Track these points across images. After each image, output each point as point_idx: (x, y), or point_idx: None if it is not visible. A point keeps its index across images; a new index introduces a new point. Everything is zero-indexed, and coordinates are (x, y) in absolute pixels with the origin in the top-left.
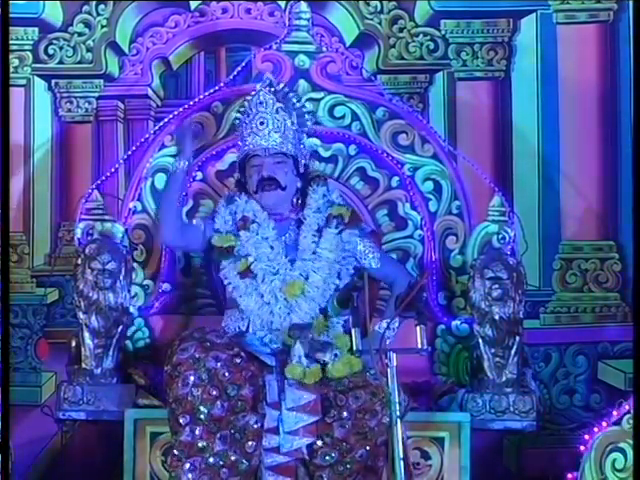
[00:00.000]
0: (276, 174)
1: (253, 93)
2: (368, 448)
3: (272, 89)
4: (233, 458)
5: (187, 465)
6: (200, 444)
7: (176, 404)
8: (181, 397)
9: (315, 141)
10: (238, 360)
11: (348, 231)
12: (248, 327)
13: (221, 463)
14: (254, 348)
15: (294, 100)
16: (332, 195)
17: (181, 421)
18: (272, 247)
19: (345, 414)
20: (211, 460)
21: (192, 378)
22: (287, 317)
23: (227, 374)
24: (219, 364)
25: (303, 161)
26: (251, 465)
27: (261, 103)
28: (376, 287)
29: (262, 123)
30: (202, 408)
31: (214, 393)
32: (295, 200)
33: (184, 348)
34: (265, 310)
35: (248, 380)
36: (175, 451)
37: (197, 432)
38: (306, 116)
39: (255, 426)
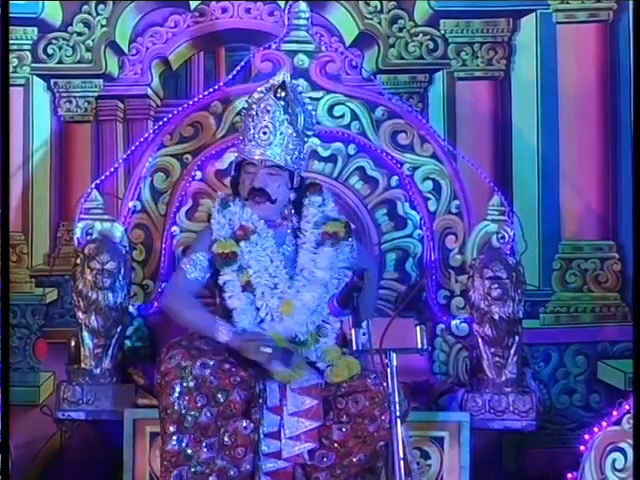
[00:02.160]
0: (267, 186)
1: (260, 91)
2: (367, 453)
3: (282, 93)
4: (221, 464)
5: (174, 474)
6: (186, 453)
7: (164, 413)
8: (168, 406)
9: (314, 140)
10: (227, 366)
11: (342, 244)
12: None
13: (207, 471)
14: None
15: (305, 100)
16: (327, 206)
17: (167, 430)
18: (272, 260)
19: (344, 417)
20: (197, 469)
21: (178, 387)
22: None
23: (215, 381)
24: (207, 371)
25: (299, 173)
26: (241, 471)
27: (268, 111)
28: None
29: (265, 133)
30: (188, 417)
31: (201, 401)
32: (287, 210)
33: (171, 356)
34: (256, 326)
35: (237, 385)
36: (164, 461)
37: (184, 441)
38: (313, 119)
39: (245, 432)
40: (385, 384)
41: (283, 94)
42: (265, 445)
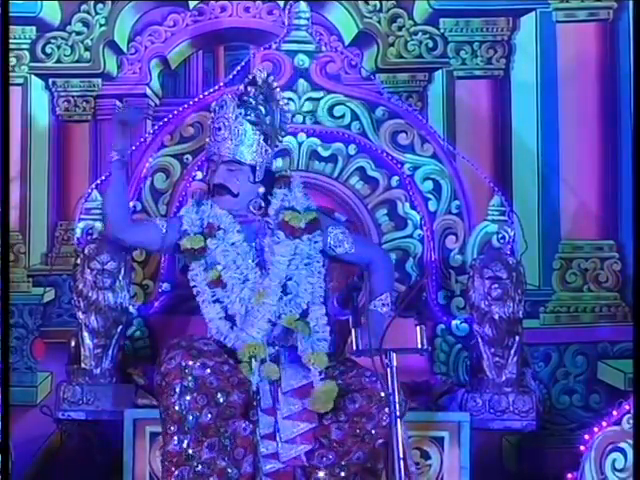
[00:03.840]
0: (227, 182)
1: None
2: (366, 451)
3: (249, 89)
4: (222, 465)
5: (175, 474)
6: (188, 453)
7: (165, 414)
8: (169, 406)
9: (315, 140)
10: (226, 367)
11: (307, 236)
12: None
13: (209, 471)
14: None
15: (279, 97)
16: (292, 196)
17: (169, 431)
18: (238, 254)
19: (342, 417)
20: (199, 469)
21: (179, 387)
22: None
23: (215, 382)
24: (207, 371)
25: (261, 167)
26: (241, 472)
27: (222, 107)
28: None
29: (219, 129)
30: (189, 417)
31: (202, 401)
32: (256, 204)
33: (171, 357)
34: (225, 324)
35: (236, 387)
36: (165, 461)
37: (185, 441)
38: (288, 115)
39: (244, 433)
40: (382, 382)
41: (250, 90)
42: (263, 447)
